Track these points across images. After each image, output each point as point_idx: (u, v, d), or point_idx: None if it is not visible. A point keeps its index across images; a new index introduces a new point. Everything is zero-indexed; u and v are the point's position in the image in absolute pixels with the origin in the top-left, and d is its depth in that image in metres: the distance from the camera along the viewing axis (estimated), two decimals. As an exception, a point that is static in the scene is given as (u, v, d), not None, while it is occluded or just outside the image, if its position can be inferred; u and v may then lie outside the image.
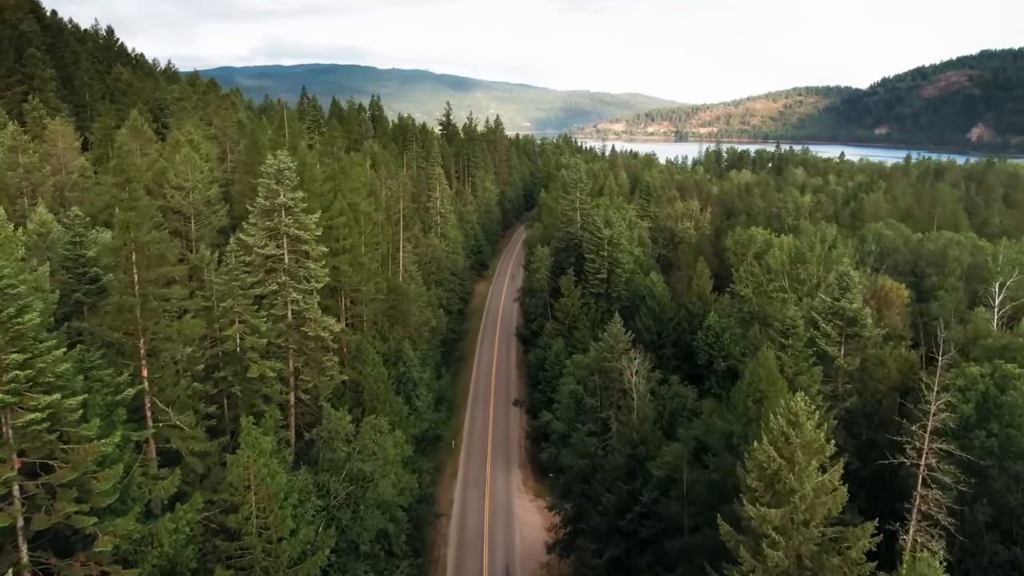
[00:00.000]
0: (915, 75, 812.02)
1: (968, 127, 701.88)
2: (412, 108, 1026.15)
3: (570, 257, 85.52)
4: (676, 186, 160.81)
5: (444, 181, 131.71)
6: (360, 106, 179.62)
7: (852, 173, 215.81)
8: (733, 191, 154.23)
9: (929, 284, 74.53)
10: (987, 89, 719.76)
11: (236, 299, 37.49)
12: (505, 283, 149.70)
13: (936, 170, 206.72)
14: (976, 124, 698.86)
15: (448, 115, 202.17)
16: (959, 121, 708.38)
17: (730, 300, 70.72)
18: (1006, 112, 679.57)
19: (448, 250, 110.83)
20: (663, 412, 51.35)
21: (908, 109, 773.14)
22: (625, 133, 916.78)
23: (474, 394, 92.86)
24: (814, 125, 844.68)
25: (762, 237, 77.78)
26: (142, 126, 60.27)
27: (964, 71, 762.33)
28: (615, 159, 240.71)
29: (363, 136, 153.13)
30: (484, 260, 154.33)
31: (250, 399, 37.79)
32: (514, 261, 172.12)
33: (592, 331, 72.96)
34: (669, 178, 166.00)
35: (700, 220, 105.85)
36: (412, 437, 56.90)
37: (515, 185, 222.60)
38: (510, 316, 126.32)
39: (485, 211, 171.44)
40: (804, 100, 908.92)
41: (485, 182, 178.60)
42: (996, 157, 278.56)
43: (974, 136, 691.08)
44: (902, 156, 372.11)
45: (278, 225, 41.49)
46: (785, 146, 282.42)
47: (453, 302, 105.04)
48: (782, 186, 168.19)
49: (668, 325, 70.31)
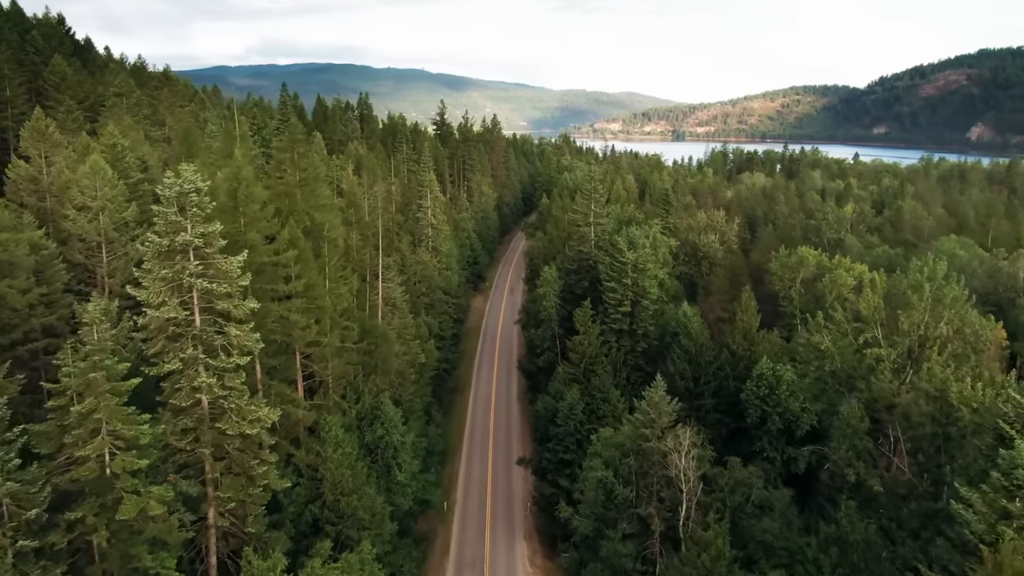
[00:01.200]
0: (913, 74, 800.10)
1: (967, 126, 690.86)
2: (408, 107, 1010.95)
3: (582, 280, 71.89)
4: (689, 191, 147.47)
5: (436, 187, 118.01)
6: (347, 105, 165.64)
7: (873, 176, 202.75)
8: (752, 197, 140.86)
9: (1018, 316, 61.27)
10: (986, 88, 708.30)
11: (102, 396, 23.85)
12: (504, 298, 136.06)
13: (959, 172, 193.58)
14: (975, 123, 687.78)
15: (442, 114, 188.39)
16: (958, 120, 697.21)
17: (782, 341, 57.34)
18: (1006, 111, 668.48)
19: (441, 266, 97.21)
20: (722, 510, 38.00)
21: (907, 108, 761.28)
22: (622, 132, 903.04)
23: (470, 438, 79.16)
24: (812, 125, 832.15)
25: (814, 260, 64.30)
26: (47, 128, 46.70)
27: (963, 70, 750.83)
28: (618, 160, 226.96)
29: (349, 137, 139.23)
30: (481, 272, 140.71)
31: (127, 551, 24.15)
32: (513, 272, 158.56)
33: (614, 376, 59.40)
34: (680, 182, 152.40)
35: (726, 233, 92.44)
36: (390, 534, 43.38)
37: (513, 188, 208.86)
38: (510, 338, 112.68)
39: (482, 218, 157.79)
40: (802, 99, 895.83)
41: (482, 186, 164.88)
42: (1003, 157, 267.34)
43: (974, 135, 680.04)
44: (903, 155, 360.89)
45: (181, 274, 27.83)
46: (794, 146, 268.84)
47: (446, 325, 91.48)
48: (801, 190, 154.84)
49: (707, 370, 56.97)
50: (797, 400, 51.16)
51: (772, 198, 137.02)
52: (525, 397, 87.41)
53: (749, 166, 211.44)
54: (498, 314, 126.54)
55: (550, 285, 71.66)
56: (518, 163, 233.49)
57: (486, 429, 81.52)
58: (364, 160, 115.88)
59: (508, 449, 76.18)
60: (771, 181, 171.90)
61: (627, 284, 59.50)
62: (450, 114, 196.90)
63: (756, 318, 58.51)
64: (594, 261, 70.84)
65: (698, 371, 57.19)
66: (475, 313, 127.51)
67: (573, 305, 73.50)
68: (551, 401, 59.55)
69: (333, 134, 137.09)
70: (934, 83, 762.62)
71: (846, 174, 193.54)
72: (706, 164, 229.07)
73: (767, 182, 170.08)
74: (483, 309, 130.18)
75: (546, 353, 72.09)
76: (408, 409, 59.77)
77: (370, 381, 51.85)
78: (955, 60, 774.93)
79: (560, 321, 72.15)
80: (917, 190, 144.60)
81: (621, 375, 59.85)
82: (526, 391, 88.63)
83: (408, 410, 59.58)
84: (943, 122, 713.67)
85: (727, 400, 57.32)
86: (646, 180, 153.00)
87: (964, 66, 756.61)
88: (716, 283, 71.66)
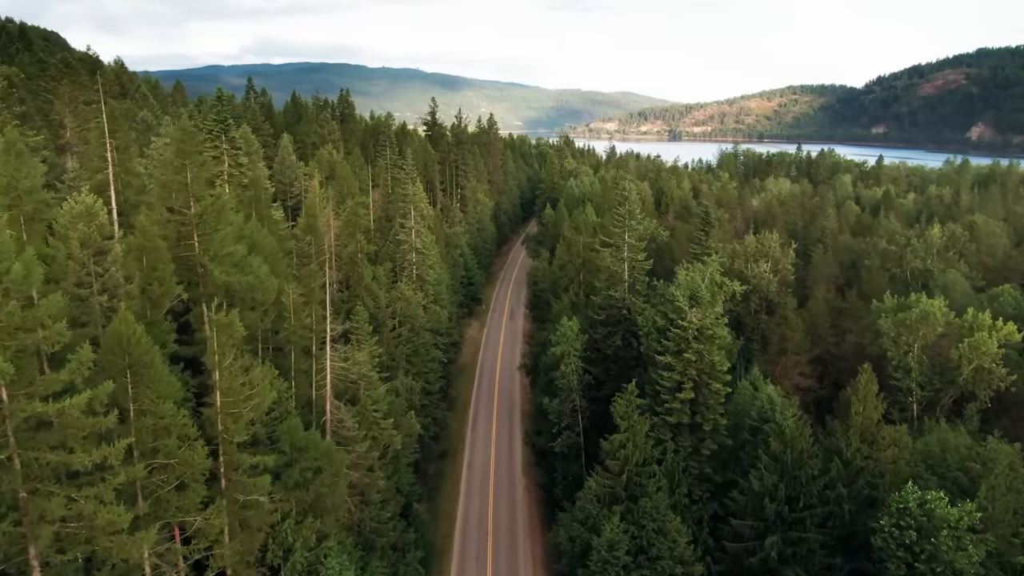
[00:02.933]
0: (911, 73, 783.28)
1: (967, 126, 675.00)
2: (402, 107, 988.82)
3: (613, 336, 52.78)
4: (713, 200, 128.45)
5: (424, 199, 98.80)
6: (327, 102, 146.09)
7: (904, 180, 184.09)
8: (784, 207, 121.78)
9: None
10: (986, 87, 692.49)
11: None
12: (503, 324, 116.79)
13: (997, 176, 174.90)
14: (976, 123, 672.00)
15: (434, 114, 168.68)
16: (958, 120, 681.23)
17: (922, 445, 38.42)
18: (1006, 111, 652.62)
19: (428, 299, 78.22)
20: None
21: (905, 108, 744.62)
22: (618, 132, 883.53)
23: (463, 535, 60.10)
24: (810, 124, 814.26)
25: (941, 316, 45.46)
26: None
27: (961, 70, 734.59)
28: (624, 162, 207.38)
29: (325, 139, 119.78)
30: (476, 292, 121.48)
31: None
32: (513, 290, 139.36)
33: (671, 492, 40.34)
34: (705, 190, 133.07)
35: (781, 261, 73.45)
36: None
37: (511, 194, 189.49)
38: (511, 377, 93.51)
39: (478, 229, 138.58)
40: (799, 99, 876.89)
41: (477, 193, 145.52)
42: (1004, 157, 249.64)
43: (974, 135, 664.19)
44: (904, 156, 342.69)
45: None
46: (808, 147, 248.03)
47: (434, 377, 72.40)
48: (833, 199, 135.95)
49: (809, 488, 38.26)
50: (969, 557, 32.46)
51: (811, 210, 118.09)
52: (532, 471, 68.47)
53: (766, 169, 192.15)
54: (496, 346, 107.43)
55: (569, 343, 52.40)
56: (516, 166, 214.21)
57: (483, 513, 62.57)
58: (338, 168, 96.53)
59: (512, 544, 57.31)
60: (798, 188, 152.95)
61: (689, 359, 40.39)
62: (444, 113, 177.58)
63: (878, 407, 39.48)
64: (629, 310, 51.82)
65: (795, 489, 38.31)
66: (470, 344, 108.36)
67: (601, 368, 54.29)
68: (580, 531, 40.35)
69: (306, 136, 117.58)
70: (933, 83, 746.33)
71: (879, 179, 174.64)
72: (718, 167, 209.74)
73: (794, 189, 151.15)
74: (479, 339, 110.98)
75: (565, 433, 52.80)
76: (368, 543, 40.66)
77: (306, 527, 32.80)
78: (953, 59, 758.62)
79: (583, 389, 53.11)
80: (973, 200, 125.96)
81: (681, 490, 40.77)
82: (533, 463, 69.69)
83: (368, 544, 40.46)
84: (942, 122, 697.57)
85: (840, 534, 38.50)
86: (662, 188, 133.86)
87: (963, 65, 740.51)
88: (792, 339, 52.55)
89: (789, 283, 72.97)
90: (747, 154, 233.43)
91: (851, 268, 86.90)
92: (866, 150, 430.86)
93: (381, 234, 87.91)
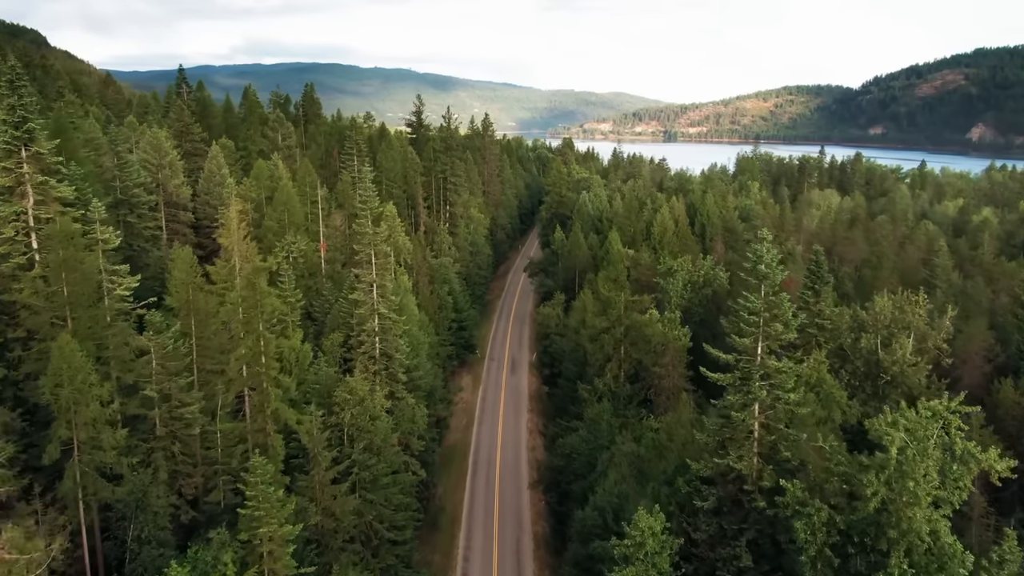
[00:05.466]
0: (909, 74, 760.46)
1: (967, 127, 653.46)
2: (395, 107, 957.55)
3: (736, 542, 26.37)
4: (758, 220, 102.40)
5: (399, 228, 72.46)
6: (287, 100, 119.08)
7: (951, 191, 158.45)
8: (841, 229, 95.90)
9: None
10: (985, 88, 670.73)
11: None
12: (503, 381, 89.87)
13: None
14: (976, 124, 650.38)
15: (419, 113, 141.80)
16: (958, 120, 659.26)
17: None
18: (1007, 111, 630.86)
19: (399, 385, 51.98)
20: None
21: (903, 108, 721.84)
22: (612, 133, 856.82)
23: None
24: (806, 125, 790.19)
25: None
26: None
27: (960, 70, 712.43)
28: (637, 168, 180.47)
29: (277, 146, 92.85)
30: (469, 337, 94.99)
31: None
32: (513, 328, 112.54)
33: None
34: (755, 209, 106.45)
35: (930, 336, 47.39)
36: None
37: (509, 205, 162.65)
38: (514, 477, 67.23)
39: (471, 253, 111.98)
40: (795, 99, 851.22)
41: (470, 209, 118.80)
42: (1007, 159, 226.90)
43: (975, 136, 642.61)
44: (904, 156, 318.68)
45: None
46: (808, 148, 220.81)
47: (403, 523, 46.03)
48: (905, 217, 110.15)
49: None
50: None
51: (875, 232, 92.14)
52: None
53: (799, 177, 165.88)
54: (495, 415, 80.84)
55: (650, 558, 26.04)
56: (513, 172, 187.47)
57: None
58: (281, 187, 69.79)
59: None
60: (849, 201, 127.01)
61: None
62: (432, 113, 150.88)
63: None
64: (767, 498, 25.61)
65: None
66: (461, 413, 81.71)
67: None
68: None
69: (251, 142, 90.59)
70: (931, 83, 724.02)
71: (943, 190, 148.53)
72: (740, 173, 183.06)
73: (844, 203, 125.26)
74: (473, 404, 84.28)
75: None
76: None
77: None
78: (951, 59, 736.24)
79: None
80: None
81: None
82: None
83: None
84: (942, 122, 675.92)
85: None
86: (694, 203, 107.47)
87: (961, 65, 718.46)
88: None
89: (946, 370, 47.03)
90: (765, 157, 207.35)
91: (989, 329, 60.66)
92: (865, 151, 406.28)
93: (335, 283, 61.30)
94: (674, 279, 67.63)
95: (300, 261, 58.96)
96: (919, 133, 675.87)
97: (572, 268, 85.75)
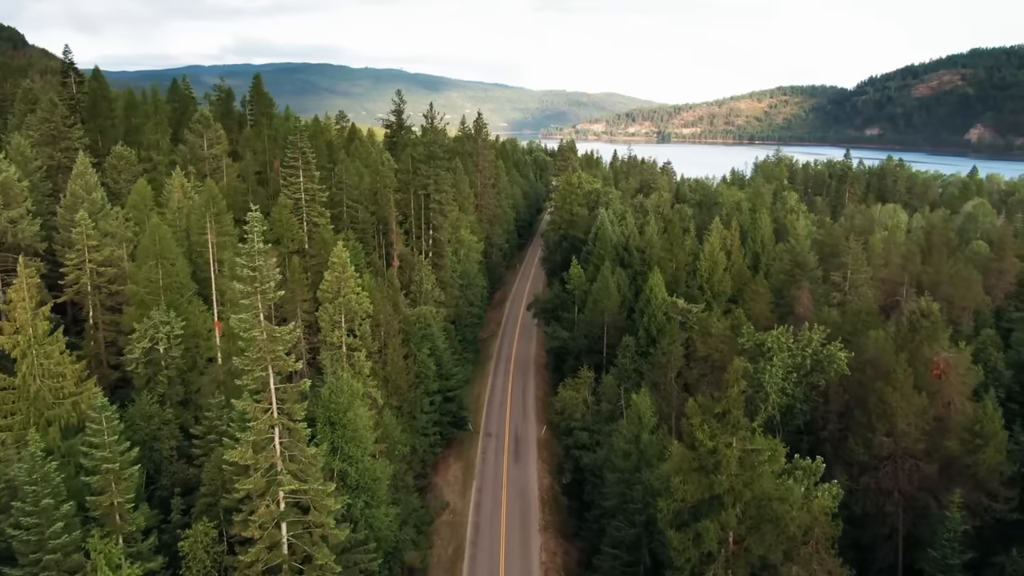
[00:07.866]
0: (904, 74, 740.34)
1: (965, 127, 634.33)
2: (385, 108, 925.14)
3: None
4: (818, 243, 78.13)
5: (350, 279, 47.70)
6: (229, 94, 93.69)
7: (1017, 200, 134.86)
8: (922, 258, 71.78)
9: None
10: (982, 88, 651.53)
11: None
12: (504, 474, 64.23)
13: None
14: (974, 124, 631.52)
15: (399, 113, 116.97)
16: (955, 121, 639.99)
17: None
18: (1006, 112, 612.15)
19: None
20: None
21: (900, 109, 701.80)
22: (605, 134, 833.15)
23: None
24: (801, 126, 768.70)
25: None
26: None
27: (956, 70, 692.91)
28: (653, 178, 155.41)
29: (197, 157, 67.49)
30: (459, 409, 70.04)
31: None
32: (515, 383, 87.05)
33: None
34: (831, 233, 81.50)
35: None
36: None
37: (506, 219, 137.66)
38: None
39: (461, 288, 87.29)
40: (789, 100, 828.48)
41: (460, 229, 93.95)
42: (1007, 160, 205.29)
43: (973, 137, 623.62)
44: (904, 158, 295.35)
45: None
46: (806, 149, 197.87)
47: None
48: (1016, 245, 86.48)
49: None
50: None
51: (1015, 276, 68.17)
52: None
53: (837, 186, 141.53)
54: (495, 532, 56.06)
55: None
56: (509, 179, 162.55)
57: None
58: (150, 233, 44.41)
59: None
60: (919, 218, 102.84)
61: None
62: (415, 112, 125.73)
63: None
64: None
65: None
66: (447, 533, 56.78)
67: None
68: None
69: (158, 149, 65.07)
70: (927, 83, 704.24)
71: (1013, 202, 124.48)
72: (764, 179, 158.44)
73: (917, 221, 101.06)
74: (464, 516, 59.04)
75: None
76: None
77: None
78: (947, 60, 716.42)
79: None
80: None
81: None
82: None
83: None
84: (939, 123, 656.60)
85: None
86: (743, 227, 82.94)
87: (957, 66, 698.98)
88: None
89: None
90: (782, 161, 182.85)
91: None
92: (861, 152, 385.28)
93: (229, 392, 36.52)
94: (771, 364, 43.08)
95: (171, 359, 33.90)
96: (916, 134, 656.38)
97: (599, 324, 60.96)
